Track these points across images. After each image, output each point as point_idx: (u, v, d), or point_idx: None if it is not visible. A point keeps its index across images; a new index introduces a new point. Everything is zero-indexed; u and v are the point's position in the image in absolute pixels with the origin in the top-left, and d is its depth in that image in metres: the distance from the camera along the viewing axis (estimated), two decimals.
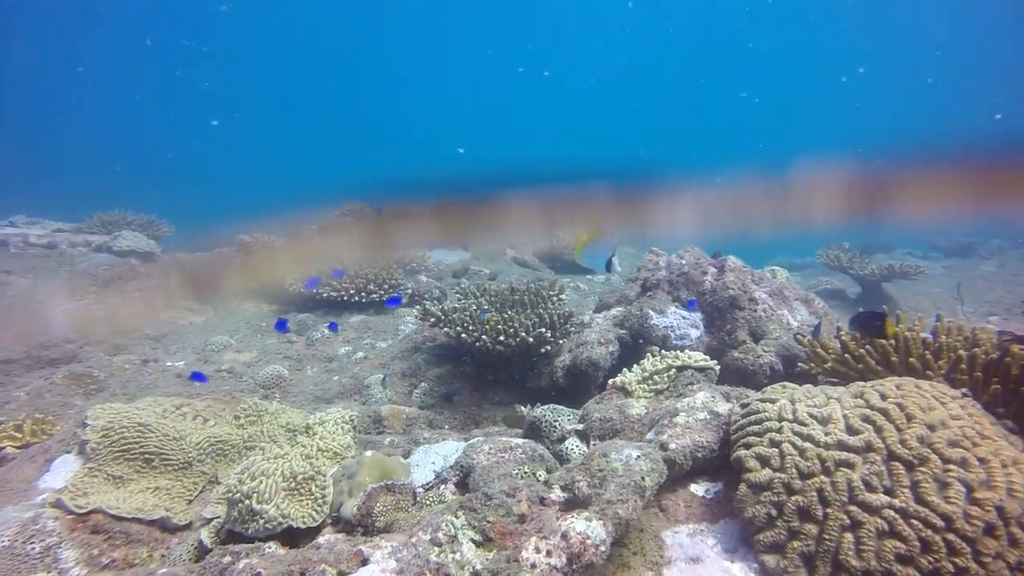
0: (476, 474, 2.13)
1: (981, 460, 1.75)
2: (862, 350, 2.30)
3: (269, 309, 6.51)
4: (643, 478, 1.84)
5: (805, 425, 1.93)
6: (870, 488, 1.77)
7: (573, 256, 8.13)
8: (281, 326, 5.74)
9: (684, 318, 3.56)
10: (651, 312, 3.63)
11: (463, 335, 4.25)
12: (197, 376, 4.64)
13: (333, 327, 5.63)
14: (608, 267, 2.78)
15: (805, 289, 8.36)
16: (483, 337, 4.16)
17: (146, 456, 2.73)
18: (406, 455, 2.65)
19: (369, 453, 2.47)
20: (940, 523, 1.70)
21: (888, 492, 1.77)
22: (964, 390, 2.03)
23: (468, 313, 4.42)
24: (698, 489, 2.16)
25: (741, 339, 3.43)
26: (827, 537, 1.73)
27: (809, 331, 3.50)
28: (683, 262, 3.80)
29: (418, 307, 4.92)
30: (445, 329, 4.45)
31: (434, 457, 2.51)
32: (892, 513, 1.71)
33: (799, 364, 2.86)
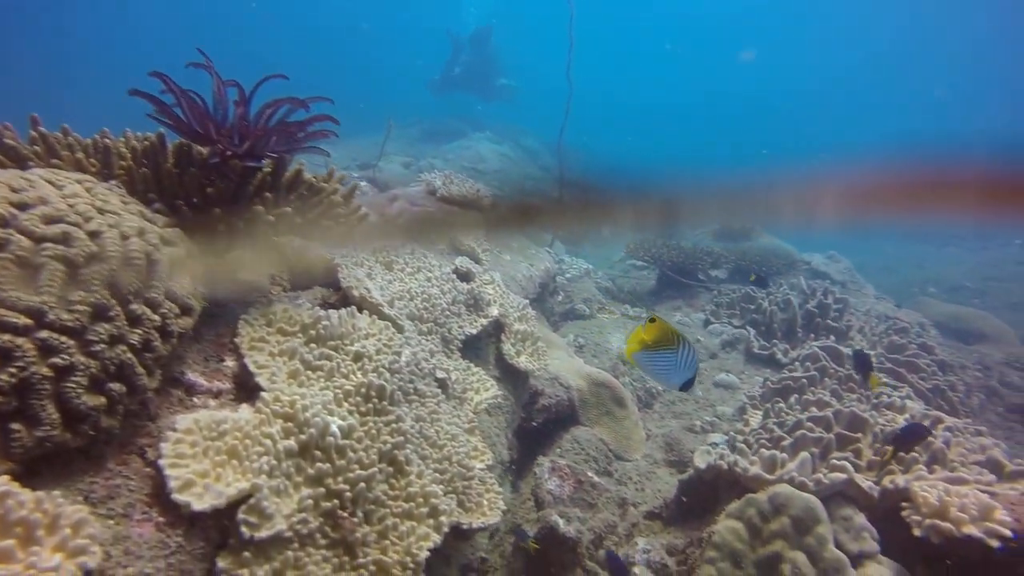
0: None
1: (93, 234, 1.35)
2: None
3: None
4: None
5: None
6: None
7: None
8: None
9: None
10: None
11: None
12: None
13: None
14: (686, 387, 1.90)
15: None
16: None
17: None
18: None
19: None
20: (26, 321, 1.21)
21: None
22: (113, 182, 1.64)
23: None
24: None
25: None
26: None
27: None
28: None
29: None
30: None
31: None
32: None
33: None
